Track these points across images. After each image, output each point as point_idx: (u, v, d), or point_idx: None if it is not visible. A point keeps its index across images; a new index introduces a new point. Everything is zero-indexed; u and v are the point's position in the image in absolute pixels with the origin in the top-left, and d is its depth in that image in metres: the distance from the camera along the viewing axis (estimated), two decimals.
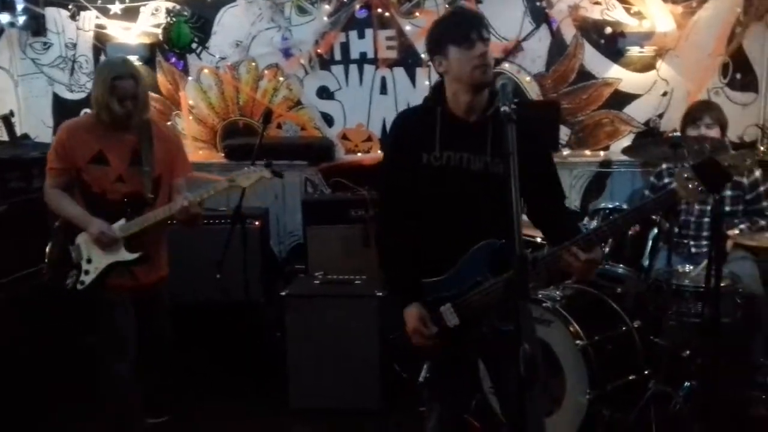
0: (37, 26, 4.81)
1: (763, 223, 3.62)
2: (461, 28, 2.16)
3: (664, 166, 3.84)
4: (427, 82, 4.63)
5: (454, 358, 2.25)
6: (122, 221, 2.98)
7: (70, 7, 4.79)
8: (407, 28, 4.59)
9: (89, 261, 3.00)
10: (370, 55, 4.67)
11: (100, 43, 4.79)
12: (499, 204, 1.81)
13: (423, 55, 4.60)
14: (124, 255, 2.98)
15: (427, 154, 2.22)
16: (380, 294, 3.65)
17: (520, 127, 2.15)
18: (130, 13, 4.74)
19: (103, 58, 4.77)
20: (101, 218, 2.97)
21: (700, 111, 3.74)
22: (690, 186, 1.91)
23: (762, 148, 4.33)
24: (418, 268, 2.27)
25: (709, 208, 3.60)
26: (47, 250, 3.12)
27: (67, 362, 3.72)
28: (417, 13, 4.58)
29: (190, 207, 2.90)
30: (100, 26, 4.78)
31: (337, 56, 4.70)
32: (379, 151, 4.75)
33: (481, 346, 2.17)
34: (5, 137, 4.64)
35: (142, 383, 3.11)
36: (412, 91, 4.68)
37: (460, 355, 2.25)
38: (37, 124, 4.96)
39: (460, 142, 2.20)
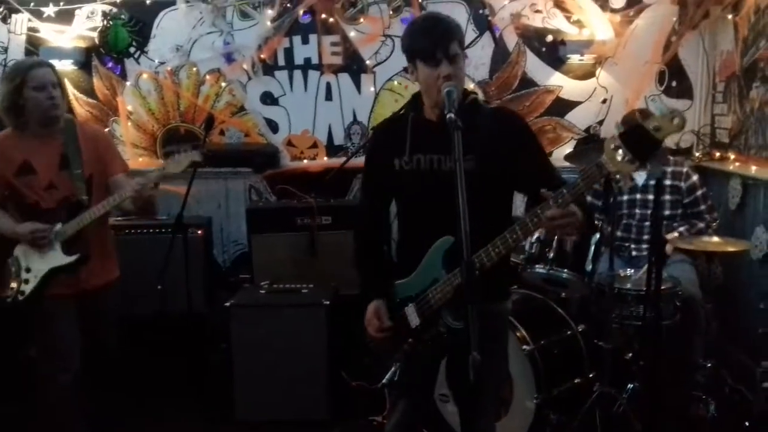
0: None
1: (701, 225, 3.74)
2: (427, 44, 2.12)
3: None
4: (372, 89, 4.62)
5: (420, 357, 2.26)
6: (58, 225, 2.90)
7: (0, 9, 4.60)
8: (352, 34, 4.57)
9: (28, 270, 2.92)
10: (315, 60, 4.63)
11: (33, 47, 4.60)
12: (472, 202, 1.82)
13: (368, 62, 4.59)
14: (63, 259, 2.90)
15: (398, 159, 2.24)
16: (327, 302, 3.62)
17: (502, 122, 2.22)
18: (65, 16, 4.58)
19: None
20: None
21: (632, 119, 3.83)
22: (618, 157, 1.80)
23: (698, 154, 4.46)
24: (389, 272, 2.32)
25: (649, 212, 3.70)
26: None
27: (8, 376, 3.57)
28: (361, 20, 4.56)
29: (143, 190, 2.82)
30: (32, 29, 4.60)
31: (281, 62, 4.65)
32: (325, 158, 4.71)
33: (441, 345, 2.16)
34: None
35: (85, 393, 3.01)
36: (357, 97, 4.66)
37: (425, 355, 2.25)
38: None
39: (429, 145, 2.20)
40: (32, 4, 4.57)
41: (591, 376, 3.32)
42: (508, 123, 2.25)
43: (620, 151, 1.79)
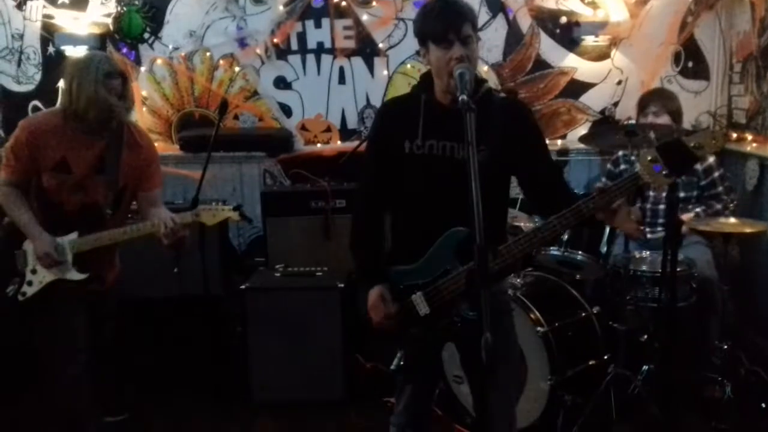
0: None
1: (718, 206, 3.70)
2: (439, 26, 2.10)
3: (620, 153, 3.90)
4: (385, 72, 4.62)
5: (425, 343, 2.25)
6: (74, 235, 2.80)
7: None
8: (364, 17, 4.56)
9: (34, 272, 2.83)
10: (328, 44, 4.62)
11: (48, 33, 4.63)
12: (483, 192, 1.79)
13: (380, 45, 4.58)
14: (72, 274, 2.81)
15: (409, 142, 2.20)
16: (342, 285, 3.63)
17: (512, 113, 2.19)
18: (79, 3, 4.59)
19: (51, 49, 4.63)
20: (54, 228, 2.80)
21: (646, 100, 3.81)
22: (654, 169, 1.85)
23: None
24: (389, 257, 2.28)
25: (664, 194, 3.67)
26: None
27: (16, 368, 3.56)
28: (374, 3, 4.54)
29: (176, 227, 2.72)
30: (47, 16, 4.62)
31: (294, 46, 4.64)
32: (339, 142, 4.72)
33: (453, 333, 2.17)
34: None
35: (94, 383, 2.99)
36: (370, 80, 4.65)
37: (431, 341, 2.25)
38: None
39: (443, 131, 2.17)
40: None
41: (606, 357, 3.31)
42: (518, 116, 2.25)
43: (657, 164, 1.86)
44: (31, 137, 2.77)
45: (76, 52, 4.53)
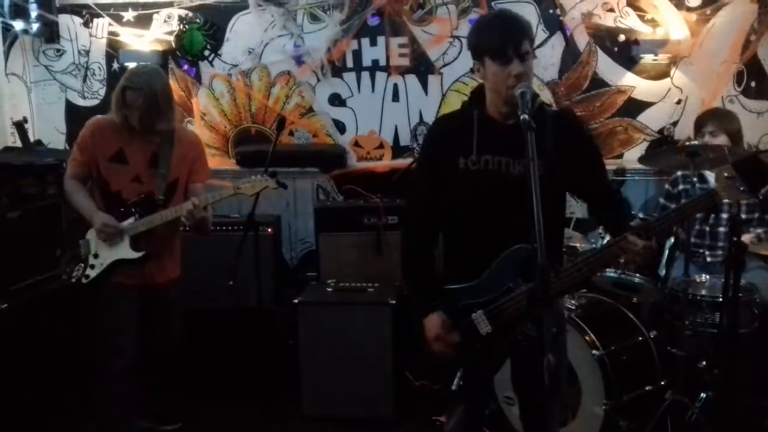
0: (50, 33, 4.82)
1: None
2: (498, 42, 2.10)
3: (679, 173, 3.81)
4: (439, 90, 4.62)
5: (485, 362, 2.24)
6: (131, 219, 3.04)
7: (83, 14, 4.80)
8: (419, 35, 4.58)
9: (96, 256, 3.06)
10: (382, 62, 4.66)
11: (113, 50, 4.80)
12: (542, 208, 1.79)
13: (435, 63, 4.59)
14: (129, 253, 3.04)
15: (464, 158, 2.19)
16: (393, 302, 3.64)
17: (564, 126, 2.17)
18: (143, 21, 4.75)
19: (115, 65, 4.79)
20: (114, 216, 3.03)
21: (703, 119, 3.73)
22: (731, 186, 1.89)
23: None
24: (440, 276, 2.26)
25: (725, 216, 3.58)
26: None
27: (74, 366, 3.68)
28: (429, 21, 4.57)
29: (195, 210, 2.92)
30: (113, 33, 4.79)
31: (350, 63, 4.70)
32: (391, 159, 4.74)
33: (513, 352, 2.15)
34: (19, 144, 4.65)
35: (143, 386, 3.12)
36: (424, 98, 4.67)
37: (491, 360, 2.23)
38: (50, 131, 4.95)
39: (498, 146, 2.17)
40: (112, 9, 4.76)
41: (663, 383, 3.23)
42: (571, 128, 2.24)
43: (735, 182, 1.90)
44: (95, 130, 3.11)
45: None
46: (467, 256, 2.24)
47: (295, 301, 3.74)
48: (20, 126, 4.63)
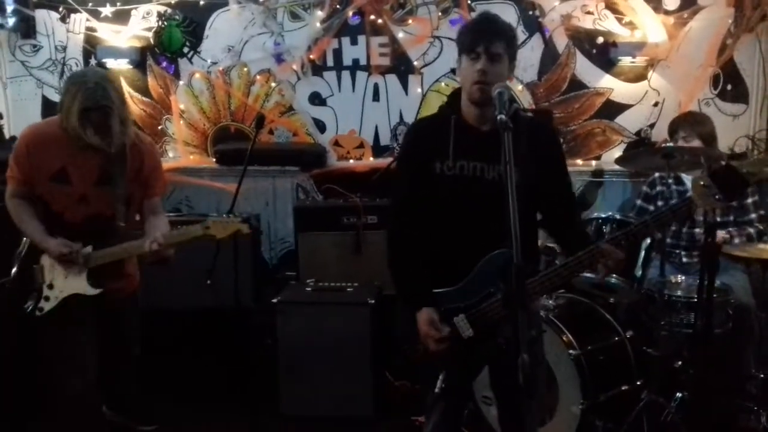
0: (26, 28, 4.75)
1: (751, 230, 3.64)
2: (470, 38, 2.13)
3: (656, 175, 3.85)
4: (419, 90, 4.63)
5: (467, 365, 2.26)
6: (89, 248, 2.74)
7: (60, 9, 4.74)
8: (400, 35, 4.58)
9: (51, 287, 2.78)
10: (363, 61, 4.66)
11: (91, 46, 4.74)
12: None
13: (415, 63, 4.60)
14: (87, 288, 2.75)
15: (440, 163, 2.21)
16: (372, 301, 3.64)
17: (537, 133, 2.20)
18: (121, 17, 4.70)
19: (93, 61, 4.73)
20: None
21: (675, 125, 3.79)
22: (707, 194, 1.90)
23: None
24: (430, 277, 2.25)
25: (700, 218, 3.62)
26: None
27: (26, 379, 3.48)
28: (410, 21, 4.57)
29: (161, 251, 2.69)
30: (90, 29, 4.74)
31: (330, 62, 4.69)
32: (371, 159, 4.74)
33: (493, 355, 2.16)
34: None
35: (104, 398, 2.89)
36: (404, 98, 4.67)
37: (472, 363, 2.25)
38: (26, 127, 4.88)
39: (473, 152, 2.18)
40: (90, 4, 4.70)
41: (639, 383, 3.27)
42: (545, 136, 2.28)
43: (711, 190, 1.91)
44: (31, 145, 2.74)
45: (117, 64, 4.65)
46: (445, 259, 2.25)
47: (274, 300, 3.73)
48: None
